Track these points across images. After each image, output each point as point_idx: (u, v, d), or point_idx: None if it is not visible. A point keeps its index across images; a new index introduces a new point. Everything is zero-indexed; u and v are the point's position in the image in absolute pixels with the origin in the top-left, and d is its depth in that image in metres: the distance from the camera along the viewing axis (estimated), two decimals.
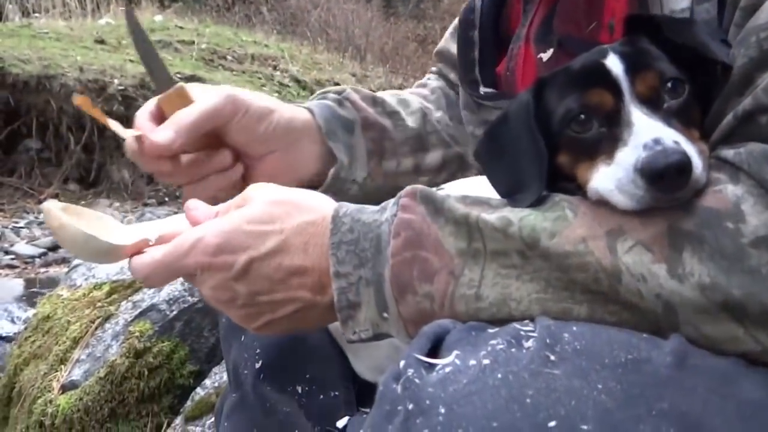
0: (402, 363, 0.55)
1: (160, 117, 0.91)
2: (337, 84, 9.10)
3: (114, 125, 0.87)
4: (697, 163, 0.61)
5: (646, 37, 0.72)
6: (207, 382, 1.87)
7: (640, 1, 0.81)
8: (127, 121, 0.92)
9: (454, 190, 0.97)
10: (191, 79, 6.77)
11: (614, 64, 0.68)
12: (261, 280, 0.72)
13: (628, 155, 0.63)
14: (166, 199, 6.39)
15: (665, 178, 0.59)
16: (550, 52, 0.81)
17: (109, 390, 1.87)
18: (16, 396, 2.12)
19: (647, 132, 0.63)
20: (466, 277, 0.64)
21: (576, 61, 0.73)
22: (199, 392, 1.85)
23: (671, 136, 0.62)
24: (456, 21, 1.25)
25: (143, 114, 0.92)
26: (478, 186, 0.88)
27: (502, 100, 1.05)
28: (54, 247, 4.75)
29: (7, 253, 4.82)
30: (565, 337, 0.55)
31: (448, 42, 1.28)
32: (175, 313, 1.94)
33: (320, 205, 0.75)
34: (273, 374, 1.01)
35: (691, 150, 0.61)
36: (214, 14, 11.28)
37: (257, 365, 1.01)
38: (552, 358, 0.52)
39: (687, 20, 0.75)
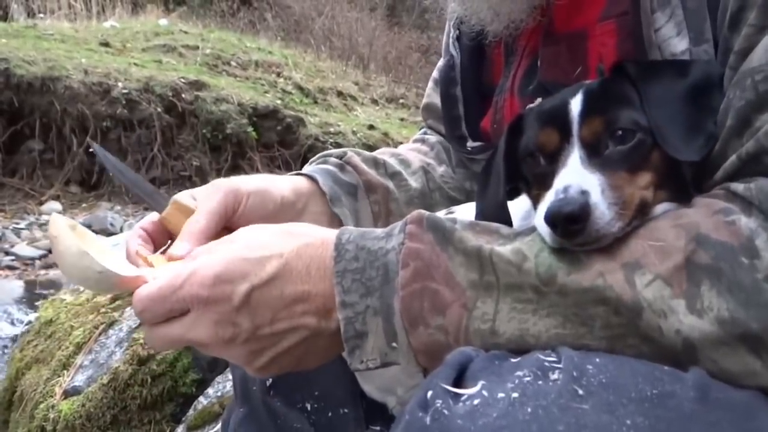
0: (430, 393, 0.55)
1: (164, 231, 0.91)
2: (339, 92, 9.14)
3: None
4: (601, 213, 0.62)
5: (630, 79, 0.72)
6: (210, 391, 1.87)
7: (635, 43, 0.80)
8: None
9: (464, 212, 0.98)
10: (195, 84, 6.78)
11: (576, 105, 0.71)
12: (263, 309, 0.69)
13: (548, 198, 0.66)
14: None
15: (558, 227, 0.62)
16: (538, 101, 0.83)
17: (111, 397, 1.87)
18: (17, 400, 2.12)
19: (564, 178, 0.66)
20: (479, 311, 0.64)
21: (555, 95, 0.76)
22: (202, 401, 1.85)
23: (583, 185, 0.64)
24: (434, 74, 1.26)
25: (142, 230, 0.89)
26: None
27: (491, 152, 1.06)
28: None
29: (7, 254, 4.81)
30: (590, 369, 0.56)
31: (432, 96, 1.27)
32: None
33: (314, 230, 0.75)
34: (282, 391, 1.02)
35: (599, 200, 0.63)
36: (219, 19, 11.30)
37: (268, 382, 1.02)
38: (580, 392, 0.53)
39: (679, 64, 0.74)
